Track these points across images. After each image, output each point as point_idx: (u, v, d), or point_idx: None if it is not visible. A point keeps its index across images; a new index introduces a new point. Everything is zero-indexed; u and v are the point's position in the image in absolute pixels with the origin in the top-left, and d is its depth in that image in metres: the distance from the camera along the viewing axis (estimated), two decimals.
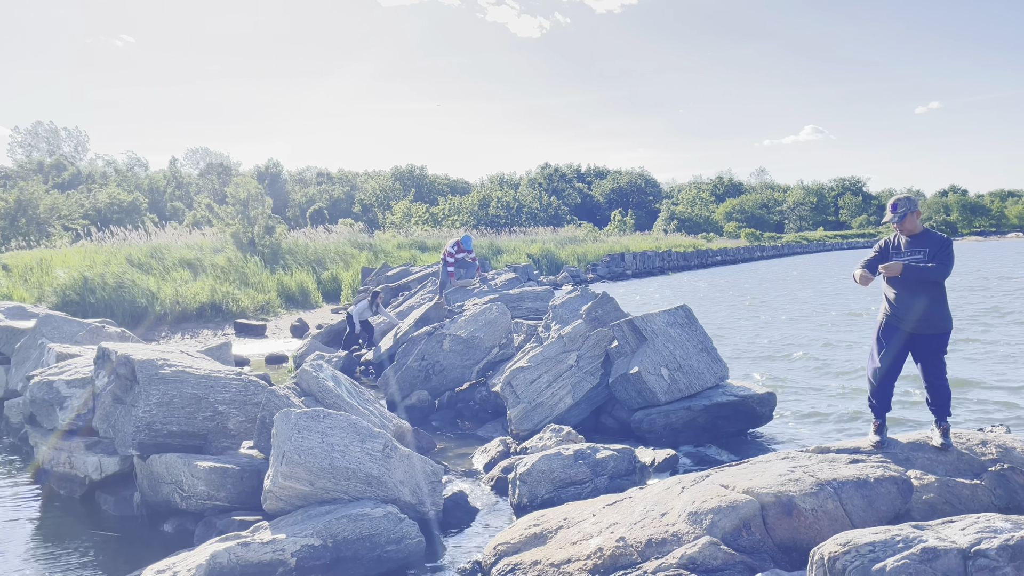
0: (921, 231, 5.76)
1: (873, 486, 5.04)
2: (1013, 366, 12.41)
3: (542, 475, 6.74)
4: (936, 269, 5.56)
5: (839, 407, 10.26)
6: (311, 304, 25.98)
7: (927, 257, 5.63)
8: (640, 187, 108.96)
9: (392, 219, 69.48)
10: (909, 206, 5.71)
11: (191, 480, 6.33)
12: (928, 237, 5.72)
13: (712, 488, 5.21)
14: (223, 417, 7.12)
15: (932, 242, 5.67)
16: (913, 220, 5.73)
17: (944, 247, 5.62)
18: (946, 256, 5.59)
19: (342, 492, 5.87)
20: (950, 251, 5.62)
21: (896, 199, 5.77)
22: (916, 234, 5.76)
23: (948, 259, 5.59)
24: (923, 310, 5.63)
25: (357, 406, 7.54)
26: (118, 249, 25.14)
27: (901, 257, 5.74)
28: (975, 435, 6.22)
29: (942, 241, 5.67)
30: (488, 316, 11.93)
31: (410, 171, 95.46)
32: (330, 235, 37.72)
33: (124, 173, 73.52)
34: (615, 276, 46.10)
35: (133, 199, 48.13)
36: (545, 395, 9.32)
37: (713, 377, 9.23)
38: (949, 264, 5.60)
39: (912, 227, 5.75)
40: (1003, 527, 3.99)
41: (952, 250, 5.63)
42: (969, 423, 8.78)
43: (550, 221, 75.50)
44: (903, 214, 5.70)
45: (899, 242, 5.82)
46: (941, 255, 5.59)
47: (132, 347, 7.67)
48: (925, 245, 5.68)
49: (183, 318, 21.09)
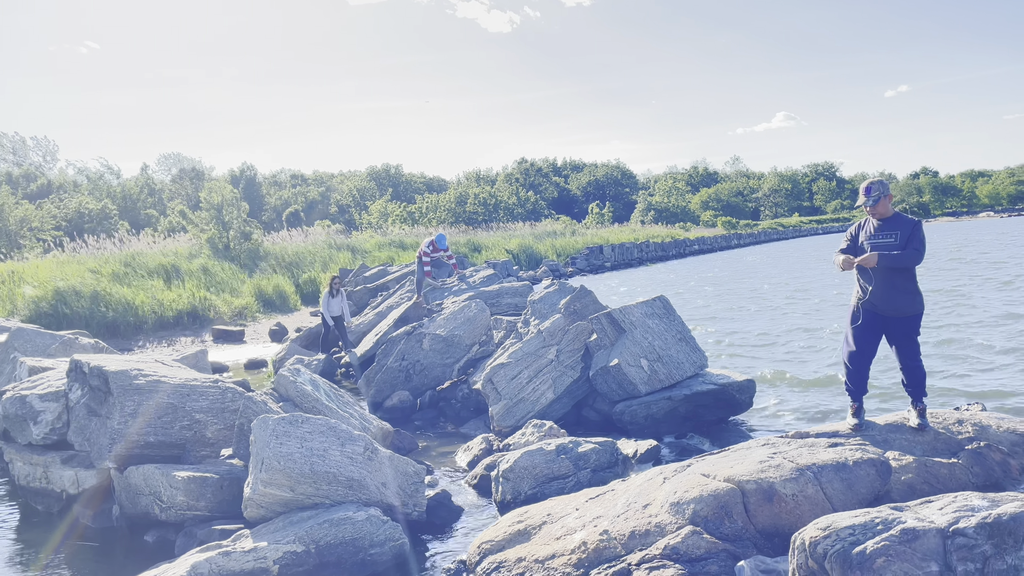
0: (892, 214, 5.80)
1: (852, 469, 5.07)
2: (990, 337, 12.57)
3: (525, 471, 6.73)
4: (910, 255, 5.60)
5: (818, 391, 10.34)
6: (290, 307, 25.80)
7: (898, 240, 5.68)
8: (616, 179, 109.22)
9: (369, 219, 69.12)
10: (882, 190, 5.74)
11: (170, 491, 6.25)
12: (899, 220, 5.77)
13: (693, 478, 5.22)
14: (201, 426, 7.04)
15: (903, 225, 5.71)
16: (886, 204, 5.77)
17: (915, 231, 5.67)
18: (919, 241, 5.64)
19: (324, 497, 5.82)
20: (921, 234, 5.67)
21: (869, 183, 5.81)
22: (887, 217, 5.80)
23: (921, 244, 5.65)
24: (894, 293, 5.68)
25: (336, 409, 7.48)
26: (91, 258, 24.78)
27: (872, 240, 5.78)
28: (951, 414, 6.29)
29: (913, 224, 5.72)
30: (467, 313, 11.90)
31: (386, 170, 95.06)
32: (307, 237, 37.45)
33: (95, 181, 72.56)
34: (594, 269, 46.19)
35: (102, 206, 47.48)
36: (526, 391, 9.30)
37: (692, 366, 9.26)
38: (922, 249, 5.66)
39: (884, 210, 5.79)
40: (980, 505, 4.03)
41: (923, 233, 5.68)
42: (950, 395, 8.88)
43: (528, 216, 75.46)
44: (877, 198, 5.73)
45: (870, 225, 5.86)
46: (914, 240, 5.64)
47: (105, 358, 7.56)
48: (896, 228, 5.72)
49: (160, 326, 20.85)
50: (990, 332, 13.63)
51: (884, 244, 5.72)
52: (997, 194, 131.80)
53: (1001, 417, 6.32)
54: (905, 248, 5.63)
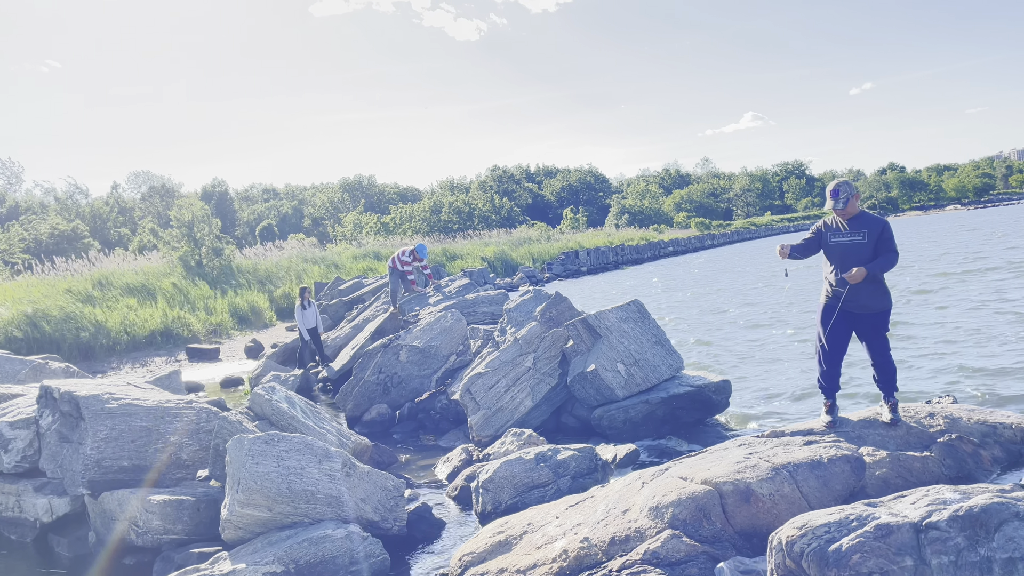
0: (858, 212, 5.88)
1: (827, 466, 5.13)
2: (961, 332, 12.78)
3: (504, 481, 6.72)
4: (889, 259, 5.69)
5: (792, 389, 10.44)
6: (265, 323, 25.59)
7: (866, 239, 5.75)
8: (590, 183, 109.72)
9: (343, 231, 68.80)
10: (849, 190, 5.81)
11: (145, 515, 6.16)
12: (866, 219, 5.84)
13: (671, 481, 5.24)
14: (175, 448, 6.96)
15: (871, 224, 5.78)
16: (854, 203, 5.85)
17: (884, 231, 5.73)
18: (891, 243, 5.72)
19: (302, 515, 5.77)
20: (891, 235, 5.74)
21: (836, 185, 5.87)
22: (854, 216, 5.87)
23: (894, 247, 5.74)
24: (864, 291, 5.75)
25: (313, 426, 7.43)
26: (62, 280, 24.42)
27: (840, 238, 5.85)
28: (923, 408, 6.38)
29: (881, 224, 5.79)
30: (444, 324, 11.88)
31: (358, 181, 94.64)
32: (281, 251, 37.19)
33: (64, 201, 71.52)
34: (571, 274, 46.33)
35: (73, 227, 46.81)
36: (504, 399, 9.30)
37: (669, 369, 9.31)
38: (896, 251, 5.74)
39: (853, 210, 5.86)
40: (952, 498, 4.08)
41: (891, 233, 5.76)
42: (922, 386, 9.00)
43: (503, 223, 75.52)
44: (846, 199, 5.80)
45: (837, 224, 5.93)
46: (885, 241, 5.70)
47: (76, 383, 7.45)
48: (864, 227, 5.79)
49: (133, 347, 20.59)
50: (961, 321, 13.85)
51: (853, 243, 5.79)
52: (963, 187, 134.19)
53: (971, 409, 6.42)
54: (876, 247, 5.71)
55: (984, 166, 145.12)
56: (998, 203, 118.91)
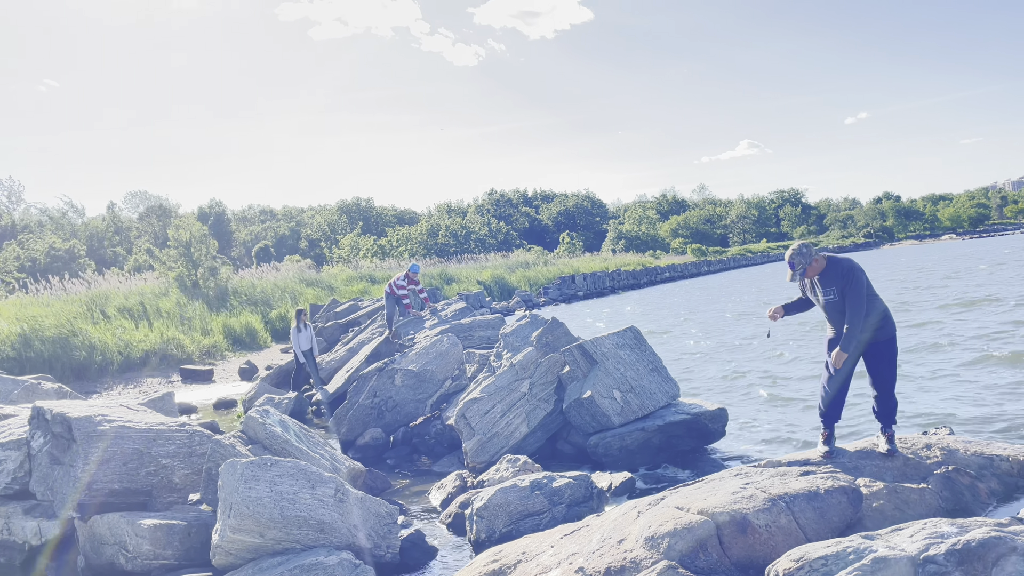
0: (825, 266, 5.89)
1: (824, 498, 5.10)
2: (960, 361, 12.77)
3: (499, 508, 6.67)
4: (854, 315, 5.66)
5: (789, 419, 10.40)
6: (259, 345, 25.50)
7: (836, 296, 5.82)
8: (587, 208, 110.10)
9: (340, 253, 68.86)
10: (804, 260, 5.83)
11: (135, 540, 6.09)
12: (833, 271, 5.85)
13: (667, 511, 5.20)
14: (167, 471, 6.90)
15: (837, 276, 5.81)
16: (814, 266, 5.88)
17: (848, 286, 5.73)
18: (854, 295, 5.69)
19: (294, 541, 5.71)
20: (853, 282, 5.71)
21: (790, 257, 5.89)
22: (823, 271, 5.90)
23: (857, 297, 5.68)
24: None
25: (307, 451, 7.38)
26: (56, 300, 24.34)
27: (818, 296, 5.98)
28: (919, 439, 6.36)
29: (845, 273, 5.78)
30: (439, 348, 11.85)
31: (356, 204, 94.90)
32: (277, 273, 37.18)
33: (58, 220, 71.52)
34: (567, 298, 46.35)
35: (70, 246, 46.79)
36: (500, 425, 9.25)
37: (665, 396, 9.28)
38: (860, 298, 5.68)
39: (817, 268, 5.90)
40: (949, 531, 4.06)
41: (854, 277, 5.72)
42: (915, 421, 8.98)
43: (500, 247, 75.70)
44: (803, 270, 5.87)
45: (813, 284, 5.99)
46: (851, 297, 5.70)
47: (68, 404, 7.40)
48: (832, 283, 5.83)
49: (127, 367, 20.48)
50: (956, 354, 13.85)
51: (829, 302, 5.90)
52: (958, 217, 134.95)
53: (968, 440, 6.40)
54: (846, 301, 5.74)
55: (979, 196, 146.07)
56: (993, 233, 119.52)
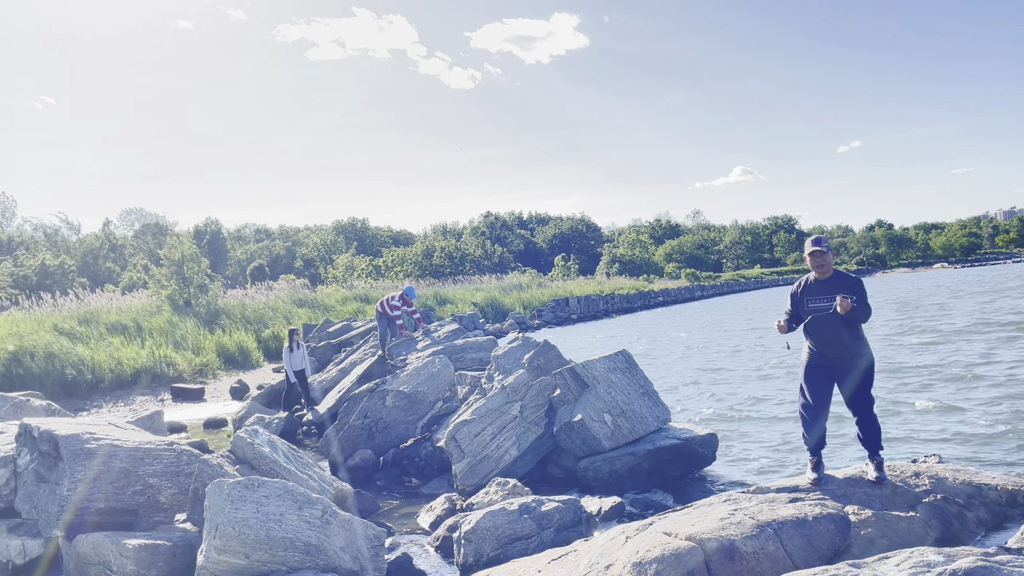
0: (832, 274, 5.95)
1: (812, 525, 5.09)
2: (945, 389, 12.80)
3: (487, 532, 6.63)
4: (866, 310, 5.74)
5: (779, 444, 10.40)
6: (251, 364, 25.41)
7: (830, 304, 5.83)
8: (581, 232, 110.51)
9: (335, 273, 68.83)
10: (827, 244, 5.95)
11: (120, 560, 6.04)
12: (842, 280, 5.90)
13: (655, 536, 5.18)
14: (154, 490, 6.85)
15: (845, 286, 5.84)
16: (831, 258, 5.95)
17: (856, 290, 5.80)
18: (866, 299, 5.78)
19: (280, 563, 5.66)
20: (864, 291, 5.81)
21: (816, 237, 6.00)
22: (827, 278, 5.94)
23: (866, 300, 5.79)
24: (843, 346, 5.81)
25: (295, 471, 7.34)
26: (47, 316, 24.24)
27: (814, 301, 5.92)
28: (908, 467, 6.37)
29: (855, 284, 5.85)
30: (431, 369, 11.82)
31: (352, 224, 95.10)
32: (271, 292, 37.14)
33: (52, 237, 71.39)
34: (561, 321, 46.34)
35: (60, 262, 46.66)
36: (490, 448, 9.22)
37: (656, 421, 9.27)
38: (869, 307, 5.79)
39: (830, 263, 5.96)
40: (936, 560, 4.06)
41: (863, 289, 5.83)
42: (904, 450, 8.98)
43: (494, 269, 75.76)
44: (828, 247, 5.91)
45: (811, 286, 6.00)
46: (863, 298, 5.77)
47: (56, 422, 7.36)
48: (835, 291, 5.84)
49: (117, 385, 20.38)
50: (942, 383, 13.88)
51: (819, 310, 5.89)
52: (950, 245, 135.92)
53: (957, 469, 6.41)
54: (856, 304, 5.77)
55: (971, 225, 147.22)
56: (985, 262, 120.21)
